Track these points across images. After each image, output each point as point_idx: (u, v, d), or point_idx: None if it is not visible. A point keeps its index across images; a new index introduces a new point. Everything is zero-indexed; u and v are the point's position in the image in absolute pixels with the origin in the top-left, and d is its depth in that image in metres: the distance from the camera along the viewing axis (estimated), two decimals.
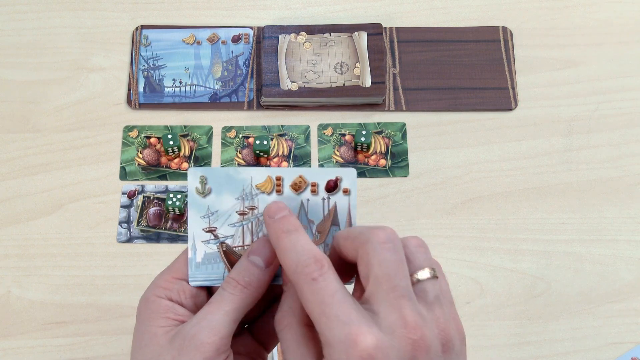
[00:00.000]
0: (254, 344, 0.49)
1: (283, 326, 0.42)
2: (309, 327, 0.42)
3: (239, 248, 0.47)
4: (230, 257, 0.46)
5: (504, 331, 0.67)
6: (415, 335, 0.38)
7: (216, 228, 0.46)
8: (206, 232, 0.46)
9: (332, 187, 0.46)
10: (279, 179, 0.46)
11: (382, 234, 0.41)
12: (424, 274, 0.42)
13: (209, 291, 0.47)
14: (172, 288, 0.45)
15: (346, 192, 0.46)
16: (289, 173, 0.46)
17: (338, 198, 0.46)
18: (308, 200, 0.46)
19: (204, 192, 0.46)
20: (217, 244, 0.47)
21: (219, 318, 0.43)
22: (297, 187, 0.46)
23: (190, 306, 0.46)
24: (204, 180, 0.46)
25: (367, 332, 0.37)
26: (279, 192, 0.46)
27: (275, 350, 0.64)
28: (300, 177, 0.46)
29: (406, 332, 0.38)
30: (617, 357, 0.66)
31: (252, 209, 0.46)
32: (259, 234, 0.46)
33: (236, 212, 0.46)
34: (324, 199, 0.46)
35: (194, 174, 0.46)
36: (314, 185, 0.46)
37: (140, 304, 0.45)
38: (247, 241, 0.47)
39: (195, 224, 0.46)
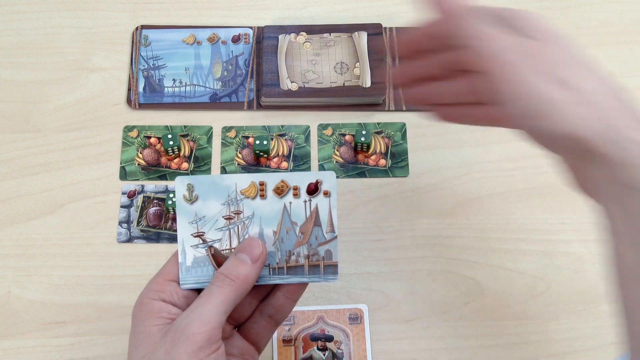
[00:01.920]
0: (245, 345, 0.50)
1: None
2: None
3: (227, 251, 0.49)
4: (219, 259, 0.48)
5: (504, 331, 0.67)
6: None
7: (204, 233, 0.48)
8: (195, 237, 0.49)
9: (313, 189, 0.48)
10: (262, 184, 0.48)
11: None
12: None
13: (200, 292, 0.47)
14: (164, 290, 0.47)
15: (326, 194, 0.48)
16: (272, 178, 0.48)
17: (319, 200, 0.48)
18: (291, 203, 0.48)
19: (191, 199, 0.48)
20: (206, 248, 0.48)
21: (209, 310, 0.44)
22: (280, 191, 0.48)
23: (182, 306, 0.47)
24: (190, 188, 0.48)
25: None
26: (262, 196, 0.48)
27: (276, 352, 0.64)
28: (282, 181, 0.48)
29: None
30: (617, 357, 0.66)
31: (238, 213, 0.48)
32: (245, 236, 0.48)
33: (223, 216, 0.48)
34: (305, 201, 0.48)
35: (181, 182, 0.48)
36: (295, 188, 0.48)
37: (135, 307, 0.47)
38: (234, 244, 0.48)
39: (184, 230, 0.48)
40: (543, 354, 0.66)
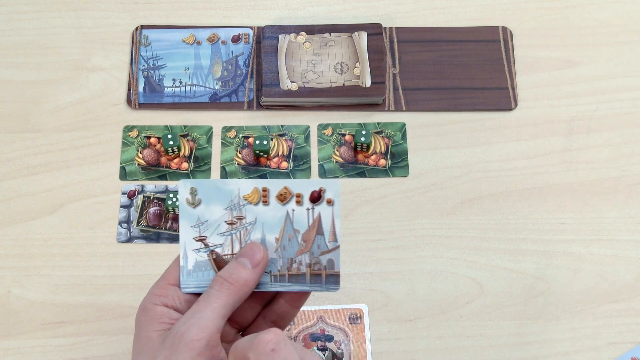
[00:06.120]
0: None
1: None
2: None
3: (228, 256, 0.48)
4: (220, 264, 0.48)
5: (504, 331, 0.67)
6: None
7: (206, 237, 0.48)
8: (197, 241, 0.48)
9: (316, 197, 0.48)
10: (265, 190, 0.48)
11: (267, 336, 0.42)
12: None
13: None
14: (166, 294, 0.47)
15: (330, 202, 0.48)
16: (275, 184, 0.48)
17: (322, 208, 0.48)
18: (293, 210, 0.48)
19: (194, 203, 0.48)
20: (208, 252, 0.48)
21: (207, 315, 0.44)
22: (283, 198, 0.48)
23: (184, 310, 0.47)
24: (194, 192, 0.48)
25: None
26: (265, 202, 0.48)
27: None
28: (285, 188, 0.48)
29: None
30: (617, 357, 0.66)
31: (240, 218, 0.48)
32: (247, 242, 0.48)
33: (225, 221, 0.48)
34: (308, 209, 0.48)
35: (185, 185, 0.48)
36: (298, 196, 0.48)
37: (138, 312, 0.47)
38: (236, 249, 0.48)
39: (186, 234, 0.48)
40: (543, 354, 0.66)
